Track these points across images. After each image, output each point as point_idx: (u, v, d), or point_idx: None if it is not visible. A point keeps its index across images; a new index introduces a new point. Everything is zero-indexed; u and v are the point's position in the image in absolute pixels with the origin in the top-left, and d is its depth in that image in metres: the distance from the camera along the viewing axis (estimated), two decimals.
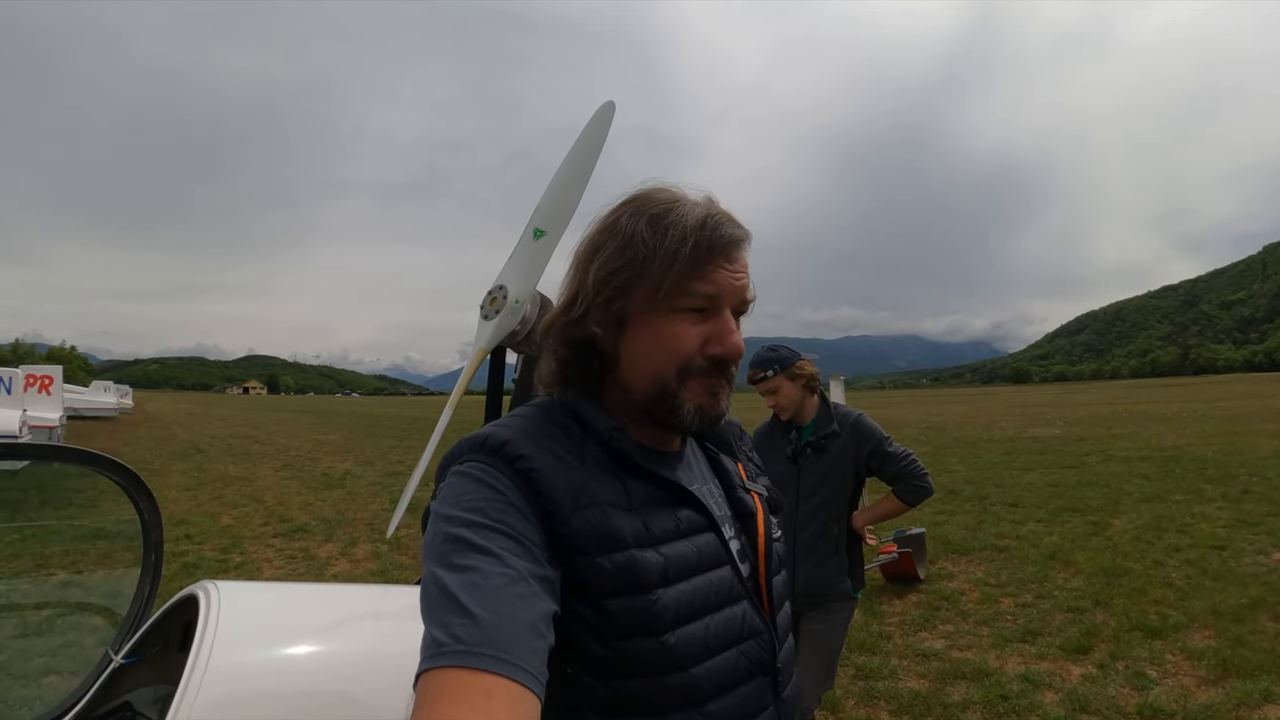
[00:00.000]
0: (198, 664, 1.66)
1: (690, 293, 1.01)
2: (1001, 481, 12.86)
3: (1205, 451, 15.67)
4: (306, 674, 1.88)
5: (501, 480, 0.92)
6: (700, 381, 1.03)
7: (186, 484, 14.26)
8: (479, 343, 2.35)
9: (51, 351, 78.17)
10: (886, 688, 4.60)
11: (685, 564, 0.99)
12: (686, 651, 0.95)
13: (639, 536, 0.96)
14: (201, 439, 26.32)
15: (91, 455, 2.44)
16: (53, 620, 3.27)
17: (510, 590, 0.80)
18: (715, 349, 1.02)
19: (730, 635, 1.01)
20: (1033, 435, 22.72)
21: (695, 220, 1.01)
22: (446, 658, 0.73)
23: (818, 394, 3.40)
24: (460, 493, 0.91)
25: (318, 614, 2.19)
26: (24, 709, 2.27)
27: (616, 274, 1.02)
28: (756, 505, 1.17)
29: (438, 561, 0.84)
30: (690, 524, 1.03)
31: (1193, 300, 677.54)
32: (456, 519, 0.87)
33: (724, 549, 1.06)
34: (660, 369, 1.03)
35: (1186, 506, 9.85)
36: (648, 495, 1.02)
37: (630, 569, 0.94)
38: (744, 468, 1.25)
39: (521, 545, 0.87)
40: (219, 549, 8.76)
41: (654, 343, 1.03)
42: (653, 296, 1.01)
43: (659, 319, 1.02)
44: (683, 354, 1.02)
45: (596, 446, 1.02)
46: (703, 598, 0.99)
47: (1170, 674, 4.65)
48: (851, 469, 3.30)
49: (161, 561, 2.51)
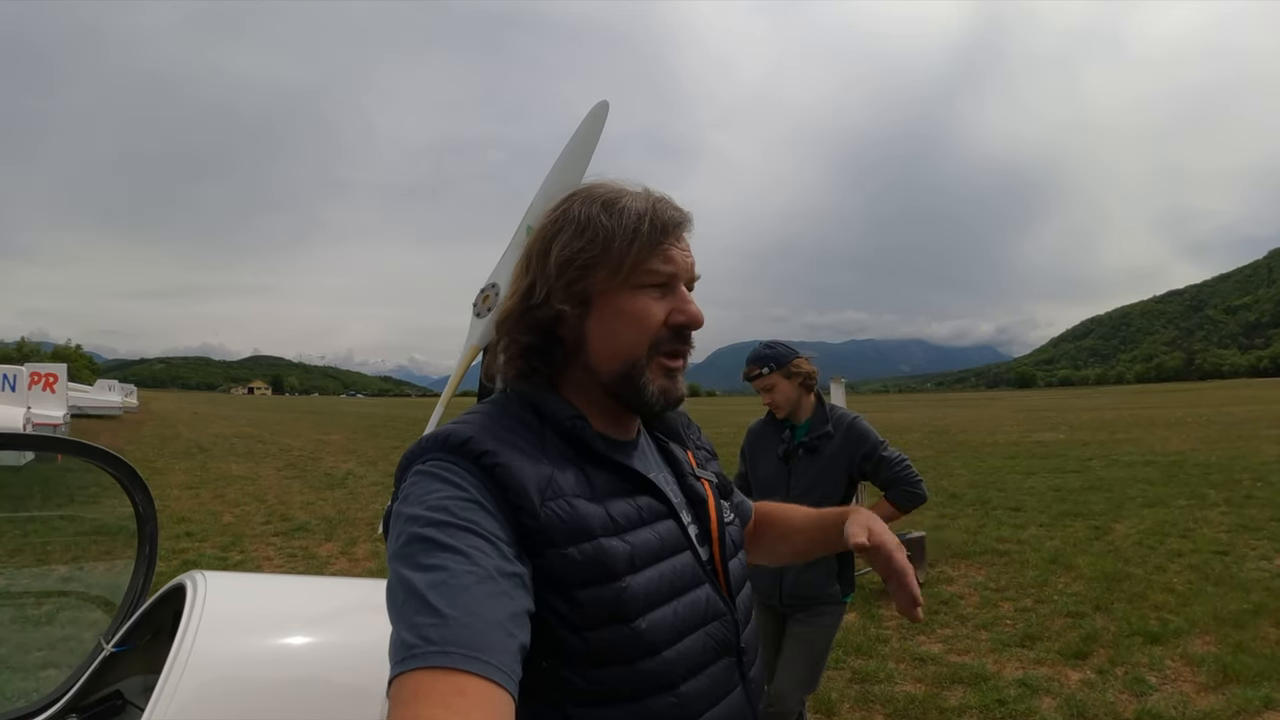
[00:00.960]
0: (181, 652, 1.68)
1: (651, 270, 1.06)
2: (1004, 486, 12.84)
3: (1209, 457, 15.64)
4: (292, 664, 1.90)
5: (466, 478, 0.92)
6: (662, 361, 1.08)
7: (189, 482, 14.29)
8: (471, 340, 2.36)
9: (57, 350, 78.41)
10: (883, 691, 4.59)
11: (649, 551, 1.01)
12: (657, 636, 0.97)
13: (605, 525, 0.98)
14: (205, 438, 26.38)
15: (88, 447, 2.47)
16: (52, 613, 3.29)
17: (480, 589, 0.80)
18: (678, 317, 1.08)
19: (696, 618, 1.04)
20: (1036, 440, 22.64)
21: (645, 203, 1.08)
22: (418, 659, 0.73)
23: (814, 393, 3.35)
24: (424, 492, 0.91)
25: (305, 605, 2.21)
26: (20, 700, 2.27)
27: (579, 254, 1.05)
28: (707, 491, 1.19)
29: (404, 562, 0.84)
30: (651, 511, 1.05)
31: (1198, 305, 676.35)
32: (422, 519, 0.87)
33: (684, 535, 1.08)
34: (630, 345, 1.06)
35: (1189, 511, 9.82)
36: (609, 484, 1.04)
37: (599, 558, 0.95)
38: (693, 455, 1.27)
39: (490, 543, 0.86)
40: (220, 546, 8.79)
41: (622, 320, 1.06)
42: (615, 275, 1.05)
43: (624, 296, 1.06)
44: (651, 327, 1.06)
45: (556, 437, 1.04)
46: (668, 583, 1.02)
47: (1170, 680, 4.63)
48: (844, 472, 3.24)
49: (155, 553, 2.53)
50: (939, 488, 12.44)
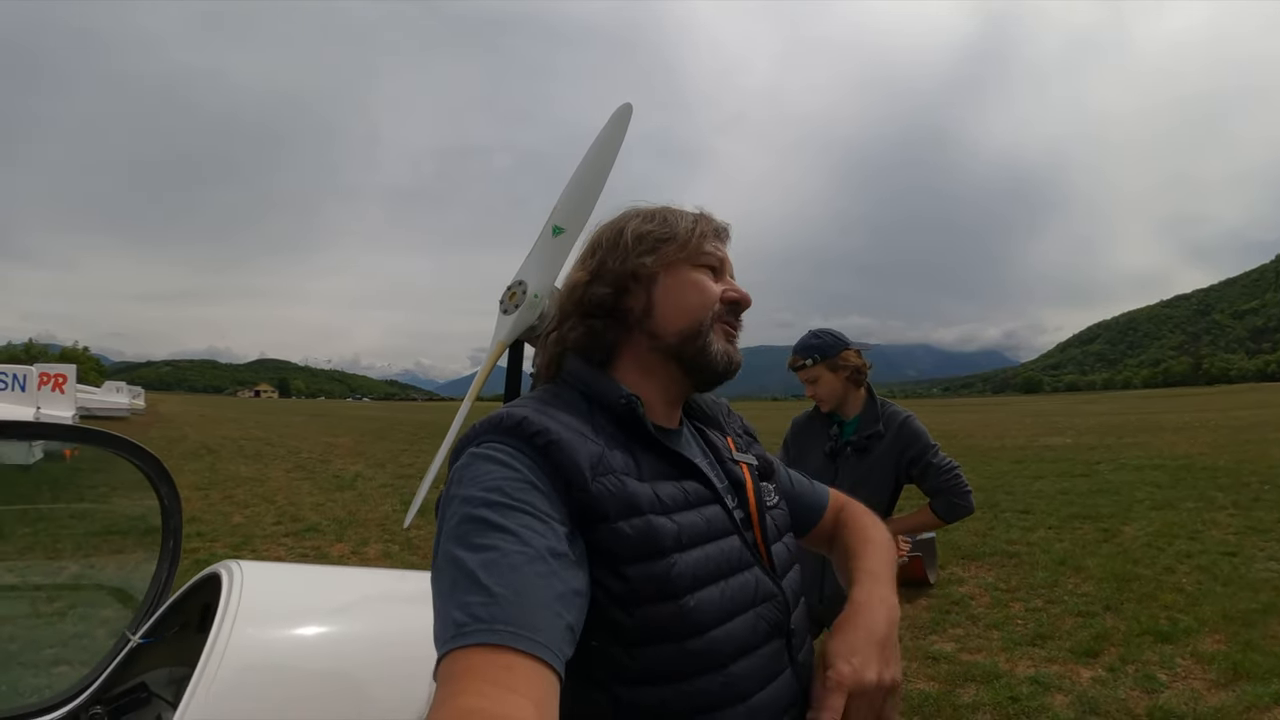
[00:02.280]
0: (219, 641, 1.67)
1: (709, 251, 1.19)
2: (1012, 489, 12.81)
3: (1217, 460, 15.56)
4: (329, 653, 1.89)
5: (520, 458, 0.94)
6: (723, 326, 1.18)
7: (198, 484, 14.31)
8: (499, 336, 2.38)
9: (65, 352, 78.49)
10: None
11: (696, 532, 1.03)
12: (705, 615, 0.98)
13: (652, 503, 1.00)
14: (213, 440, 26.42)
15: (116, 439, 2.49)
16: (64, 610, 3.31)
17: (530, 568, 0.81)
18: (732, 294, 1.19)
19: (745, 598, 1.04)
20: (1044, 444, 22.56)
21: (700, 212, 1.24)
22: (467, 637, 0.74)
23: (864, 388, 3.15)
24: (478, 473, 0.92)
25: (339, 595, 2.21)
26: (34, 696, 2.28)
27: (650, 233, 1.18)
28: (745, 476, 1.21)
29: (457, 542, 0.85)
30: (697, 495, 1.07)
31: (1205, 309, 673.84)
32: (476, 499, 0.88)
33: (730, 519, 1.10)
34: (696, 308, 1.15)
35: (1197, 514, 9.79)
36: (656, 467, 1.07)
37: (649, 533, 0.97)
38: (733, 441, 1.29)
39: (543, 523, 0.87)
40: (231, 546, 8.82)
41: (690, 287, 1.17)
42: (680, 252, 1.17)
43: (688, 269, 1.18)
44: (713, 295, 1.17)
45: (606, 420, 1.08)
46: (715, 563, 1.03)
47: (1180, 677, 4.63)
48: (892, 474, 3.05)
49: (180, 547, 2.54)
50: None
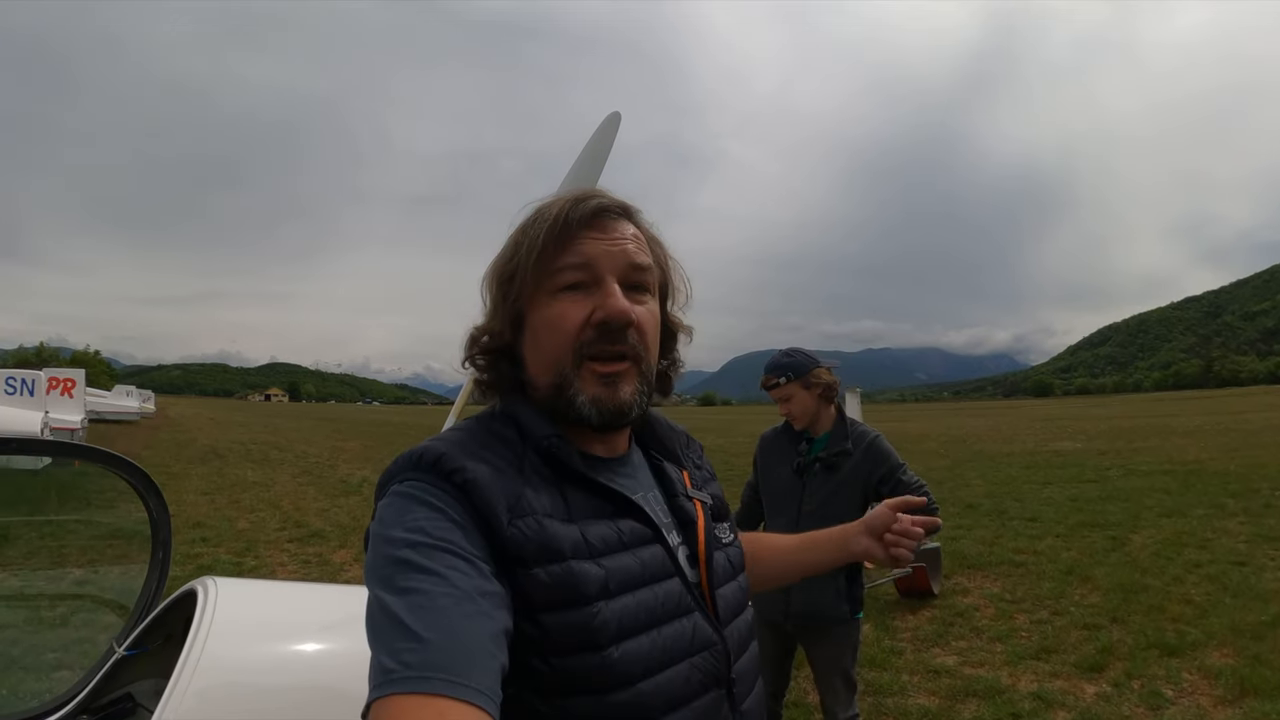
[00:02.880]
0: (190, 657, 1.69)
1: (560, 267, 1.02)
2: (1020, 496, 12.72)
3: (1227, 465, 15.44)
4: (301, 671, 1.90)
5: (441, 496, 0.91)
6: (593, 367, 1.02)
7: (205, 488, 14.37)
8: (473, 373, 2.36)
9: (76, 356, 78.88)
10: (896, 704, 4.56)
11: (628, 576, 0.97)
12: (632, 666, 0.93)
13: (577, 547, 0.95)
14: (222, 444, 26.50)
15: (102, 453, 2.50)
16: (66, 615, 3.32)
17: (458, 610, 0.79)
18: (598, 314, 1.01)
19: (679, 648, 0.98)
20: (1053, 449, 22.45)
21: (561, 204, 1.04)
22: (396, 684, 0.72)
23: (835, 405, 3.22)
24: (400, 512, 0.89)
25: (315, 612, 2.22)
26: (34, 701, 2.30)
27: (502, 270, 1.07)
28: (698, 513, 1.14)
29: (382, 585, 0.82)
30: (633, 535, 1.01)
31: (1216, 311, 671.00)
32: (399, 540, 0.85)
33: (670, 560, 1.04)
34: (555, 354, 1.03)
35: (1207, 521, 9.71)
36: (588, 505, 1.00)
37: (568, 581, 0.92)
38: (689, 475, 1.22)
39: (468, 562, 0.85)
40: (234, 552, 8.84)
41: (545, 327, 1.04)
42: (530, 282, 1.04)
43: (543, 304, 1.04)
44: (568, 329, 1.02)
45: (535, 455, 1.01)
46: (648, 610, 0.97)
47: (1187, 693, 4.58)
48: (860, 492, 3.10)
49: (169, 558, 2.55)
50: (955, 498, 12.38)
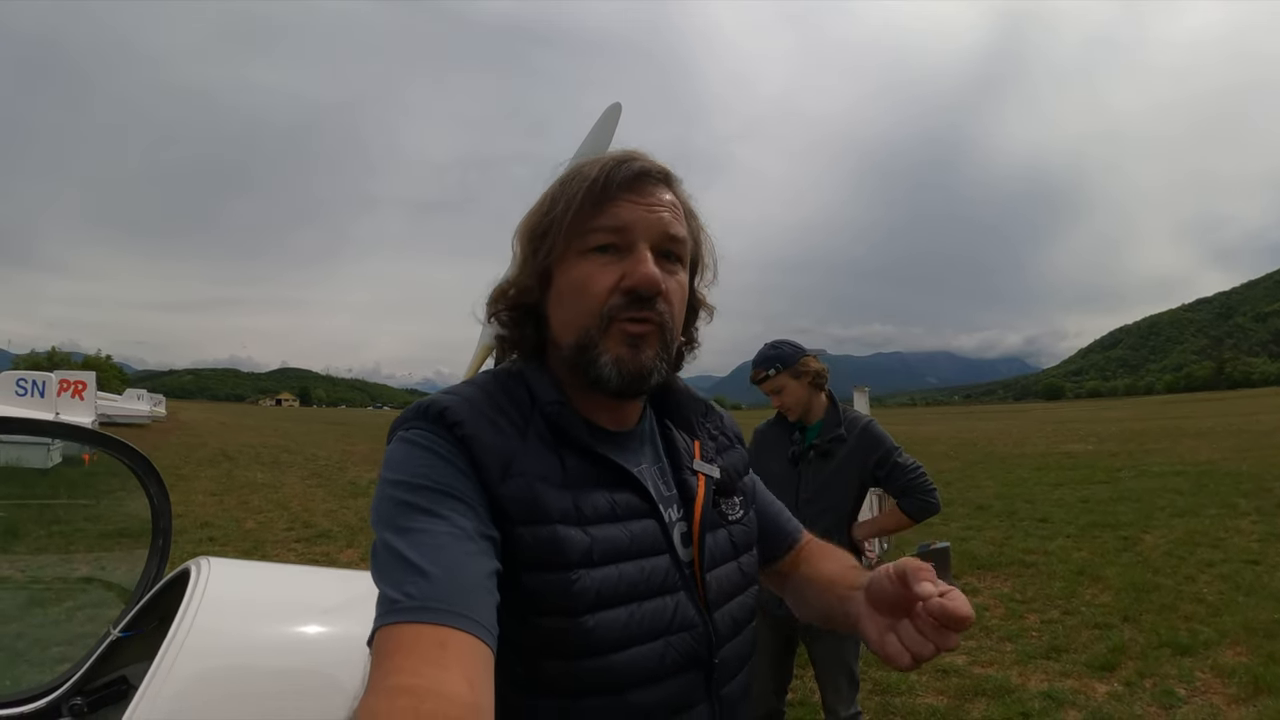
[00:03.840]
0: (179, 633, 1.68)
1: (595, 229, 1.01)
2: (1031, 497, 12.67)
3: (1239, 466, 15.35)
4: (293, 651, 1.89)
5: (443, 445, 0.93)
6: (620, 327, 1.00)
7: (214, 489, 14.43)
8: (483, 340, 2.34)
9: (87, 360, 79.26)
10: (904, 704, 4.51)
11: (614, 547, 0.97)
12: (604, 638, 0.93)
13: (566, 514, 0.95)
14: (231, 447, 26.61)
15: (104, 437, 2.53)
16: (73, 609, 3.32)
17: (459, 547, 0.83)
18: (628, 281, 0.99)
19: (657, 626, 0.97)
20: (1065, 451, 22.36)
21: (601, 163, 1.02)
22: (400, 614, 0.75)
23: (825, 392, 3.21)
24: (404, 458, 0.92)
25: (310, 594, 2.22)
26: (37, 686, 2.32)
27: (535, 226, 1.05)
28: (699, 487, 1.11)
29: (387, 526, 0.85)
30: (627, 508, 1.01)
31: (1227, 312, 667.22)
32: (403, 484, 0.89)
33: (663, 536, 1.02)
34: (581, 314, 1.01)
35: (1220, 521, 9.64)
36: (585, 474, 1.00)
37: (552, 544, 0.92)
38: (700, 445, 1.19)
39: (468, 506, 0.88)
40: (241, 551, 8.87)
41: (571, 289, 1.02)
42: (563, 242, 1.02)
43: (572, 264, 1.02)
44: (596, 293, 1.00)
45: (541, 419, 1.01)
46: (630, 584, 0.96)
47: (1199, 692, 4.52)
48: (856, 477, 3.11)
49: (169, 544, 2.57)
50: (966, 499, 12.34)
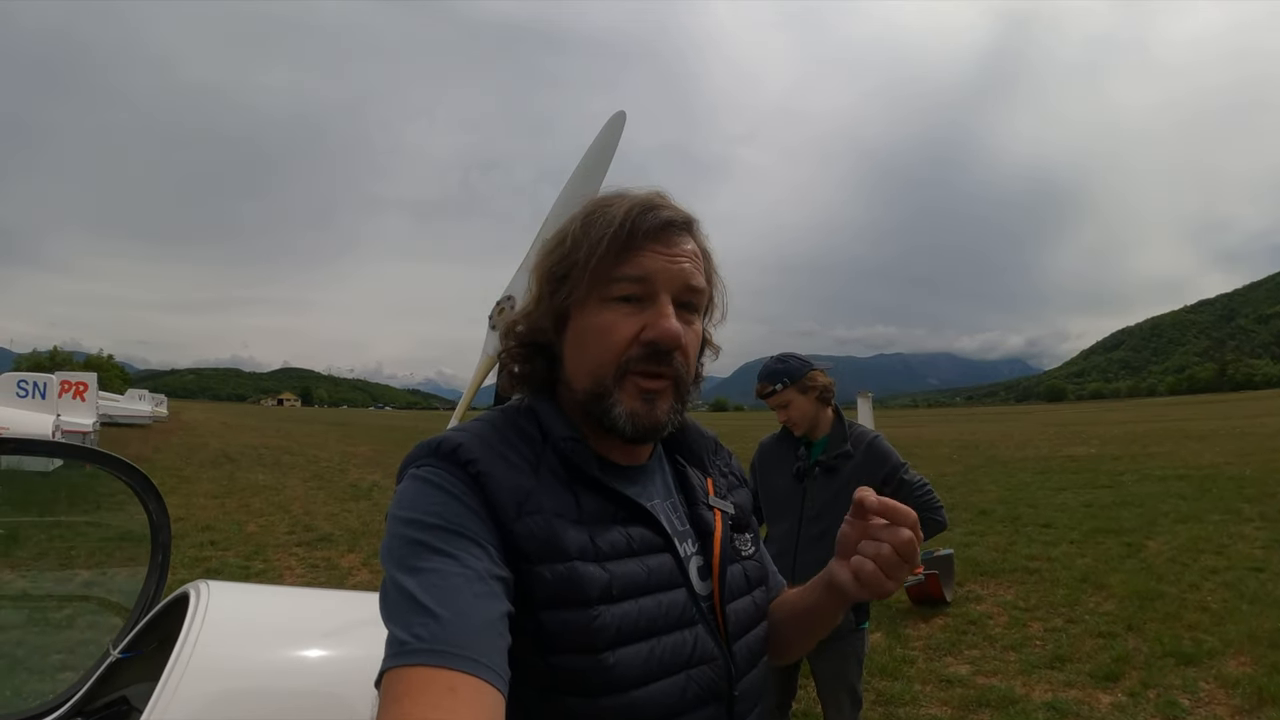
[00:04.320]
0: (180, 660, 1.67)
1: (618, 278, 1.00)
2: (1034, 501, 12.64)
3: (1243, 470, 15.28)
4: (292, 676, 1.88)
5: (456, 485, 0.92)
6: (636, 381, 1.01)
7: (215, 492, 14.41)
8: (486, 351, 2.33)
9: (89, 360, 79.32)
10: (908, 714, 4.50)
11: (632, 582, 0.96)
12: (626, 674, 0.92)
13: (584, 550, 0.94)
14: (233, 448, 26.60)
15: (101, 455, 2.50)
16: (72, 617, 3.32)
17: (469, 589, 0.82)
18: (648, 334, 0.99)
19: (678, 660, 0.97)
20: (1067, 454, 22.30)
21: (626, 208, 1.01)
22: (409, 656, 0.75)
23: (832, 407, 3.17)
24: (416, 497, 0.92)
25: (308, 618, 2.20)
26: (35, 701, 2.29)
27: (555, 267, 1.04)
28: (717, 523, 1.12)
29: (398, 565, 0.85)
30: (643, 543, 1.01)
31: (1230, 314, 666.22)
32: (415, 522, 0.88)
33: (679, 570, 1.02)
34: (598, 363, 1.01)
35: (1223, 527, 9.61)
36: (600, 510, 1.00)
37: (571, 581, 0.92)
38: (713, 482, 1.20)
39: (480, 546, 0.88)
40: (243, 556, 8.85)
41: (590, 335, 1.02)
42: (584, 288, 1.01)
43: (592, 311, 1.02)
44: (616, 343, 1.00)
45: (554, 455, 1.01)
46: (649, 619, 0.96)
47: (1203, 703, 4.50)
48: None
49: (168, 561, 2.55)
50: (968, 504, 12.31)
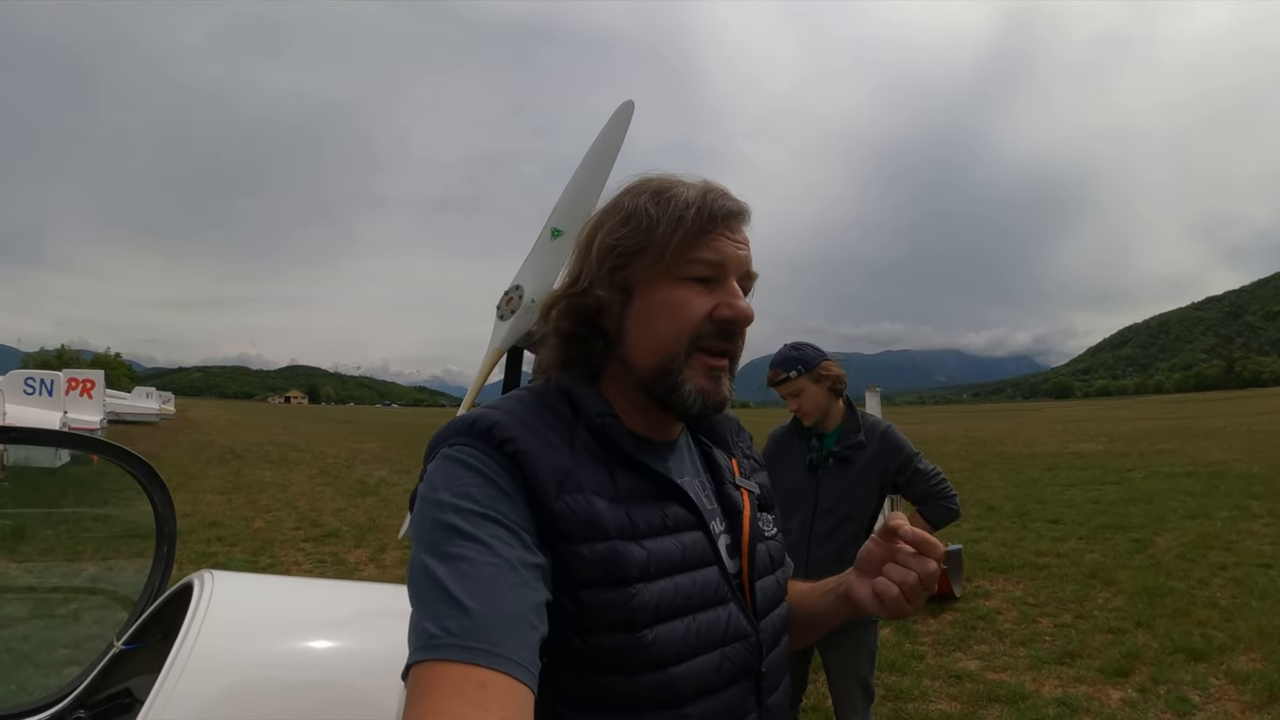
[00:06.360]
0: (182, 651, 1.65)
1: (695, 260, 1.01)
2: (1042, 498, 12.62)
3: (1251, 466, 15.24)
4: (298, 667, 1.86)
5: (490, 465, 0.90)
6: (704, 359, 1.01)
7: (222, 488, 14.46)
8: (494, 343, 2.32)
9: (96, 358, 79.57)
10: (917, 710, 4.48)
11: (668, 560, 0.96)
12: (664, 651, 0.92)
13: (622, 528, 0.94)
14: (240, 445, 26.69)
15: (107, 445, 2.49)
16: (79, 611, 3.32)
17: (501, 580, 0.79)
18: (724, 312, 1.00)
19: (714, 637, 0.97)
20: (1075, 451, 22.25)
21: (697, 192, 1.02)
22: (438, 650, 0.73)
23: (844, 398, 3.15)
24: (449, 477, 0.89)
25: (315, 609, 2.19)
26: (40, 694, 2.29)
27: (621, 241, 1.02)
28: (744, 502, 1.12)
29: (428, 550, 0.82)
30: (677, 520, 1.00)
31: (1237, 311, 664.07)
32: (446, 505, 0.85)
33: (711, 548, 1.02)
34: (669, 339, 1.01)
35: (1232, 523, 9.57)
36: (635, 487, 0.99)
37: (611, 560, 0.91)
38: (738, 463, 1.20)
39: (512, 532, 0.85)
40: (249, 551, 8.88)
41: (662, 311, 1.01)
42: (658, 264, 1.01)
43: (665, 287, 1.01)
44: (692, 319, 1.00)
45: (587, 432, 1.00)
46: (685, 596, 0.96)
47: (1214, 698, 4.47)
48: (877, 485, 3.05)
49: (174, 553, 2.54)
50: (976, 500, 12.26)
